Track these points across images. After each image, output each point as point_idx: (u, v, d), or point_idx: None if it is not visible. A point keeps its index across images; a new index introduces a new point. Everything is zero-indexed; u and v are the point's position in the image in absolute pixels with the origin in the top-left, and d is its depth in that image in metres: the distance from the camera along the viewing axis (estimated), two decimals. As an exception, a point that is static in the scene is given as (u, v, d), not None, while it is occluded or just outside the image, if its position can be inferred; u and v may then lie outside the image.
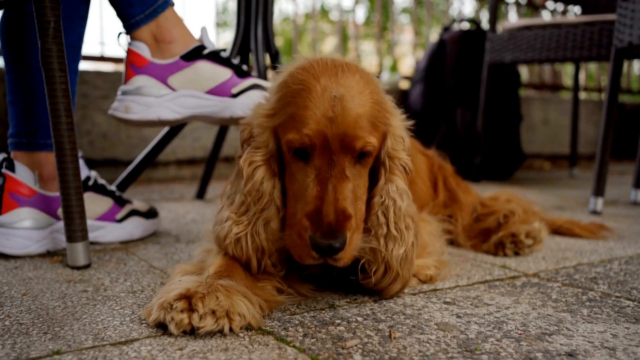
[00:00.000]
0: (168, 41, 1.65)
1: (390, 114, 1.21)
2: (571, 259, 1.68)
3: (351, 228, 1.10)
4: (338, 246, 1.07)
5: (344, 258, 1.11)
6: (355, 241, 1.14)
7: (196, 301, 1.01)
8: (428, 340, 1.03)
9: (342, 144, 1.11)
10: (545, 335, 1.06)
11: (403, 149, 1.23)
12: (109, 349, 0.96)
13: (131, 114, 1.63)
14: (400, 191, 1.22)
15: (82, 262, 1.47)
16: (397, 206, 1.21)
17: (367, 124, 1.13)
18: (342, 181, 1.12)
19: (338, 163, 1.12)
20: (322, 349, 0.98)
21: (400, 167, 1.23)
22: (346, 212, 1.10)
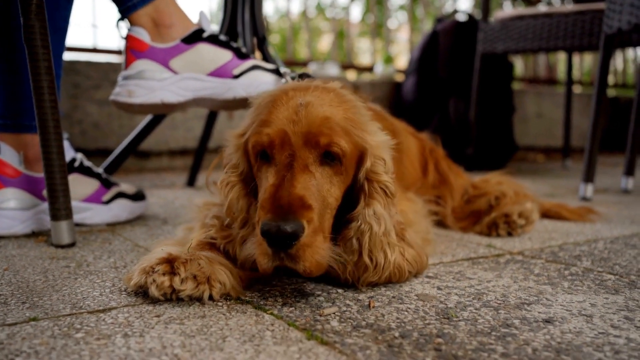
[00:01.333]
0: (167, 25, 1.65)
1: (369, 133, 1.14)
2: (557, 239, 1.68)
3: (311, 221, 1.00)
4: (289, 230, 0.95)
5: (303, 258, 0.98)
6: (320, 244, 1.02)
7: (178, 264, 1.02)
8: (407, 309, 1.03)
9: (305, 140, 1.05)
10: (524, 305, 1.06)
11: (384, 171, 1.14)
12: (85, 316, 0.96)
13: (135, 97, 1.61)
14: (378, 216, 1.11)
15: (66, 240, 1.47)
16: (372, 232, 1.10)
17: (336, 126, 1.07)
18: (303, 173, 1.04)
19: (300, 157, 1.05)
20: (300, 316, 0.99)
21: (380, 190, 1.13)
22: (304, 199, 1.01)
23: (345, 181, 1.12)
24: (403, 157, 1.76)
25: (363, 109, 1.18)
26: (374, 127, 1.18)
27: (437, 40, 4.01)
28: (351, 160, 1.11)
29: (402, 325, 0.95)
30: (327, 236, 1.07)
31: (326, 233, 1.07)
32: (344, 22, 5.87)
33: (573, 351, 0.84)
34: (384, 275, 1.13)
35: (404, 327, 0.94)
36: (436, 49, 4.01)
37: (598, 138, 2.51)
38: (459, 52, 3.93)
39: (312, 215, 1.00)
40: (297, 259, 0.99)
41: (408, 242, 1.20)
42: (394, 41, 6.17)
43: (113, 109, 3.48)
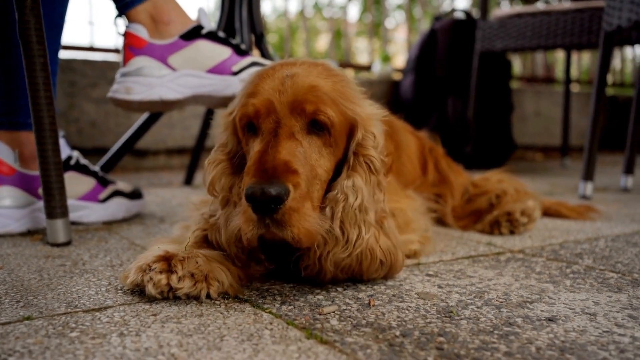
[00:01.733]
0: (166, 22, 1.63)
1: (359, 106, 1.11)
2: (557, 237, 1.67)
3: (297, 185, 0.97)
4: (273, 193, 0.92)
5: (290, 223, 0.95)
6: (308, 211, 0.99)
7: (175, 262, 1.00)
8: (407, 307, 1.02)
9: (291, 108, 1.03)
10: (526, 303, 1.05)
11: (373, 146, 1.10)
12: (81, 315, 0.95)
13: (133, 94, 1.60)
14: (357, 188, 1.07)
15: (62, 239, 1.45)
16: (347, 203, 1.06)
17: (324, 95, 1.05)
18: (289, 140, 1.02)
19: (285, 125, 1.03)
20: (299, 314, 0.97)
21: (364, 163, 1.10)
22: (289, 164, 0.98)
23: (336, 154, 1.09)
24: (402, 155, 1.75)
25: (353, 84, 1.15)
26: (364, 100, 1.15)
27: (435, 39, 4.00)
28: (341, 132, 1.08)
29: (403, 323, 0.93)
30: (316, 206, 1.04)
31: (315, 203, 1.04)
32: (342, 21, 5.86)
33: (577, 350, 0.83)
34: (355, 252, 1.07)
35: (405, 326, 0.92)
36: (434, 48, 3.99)
37: (597, 136, 2.50)
38: (457, 51, 3.92)
39: (297, 179, 0.98)
40: (284, 224, 0.95)
41: (386, 231, 1.14)
42: (391, 41, 6.14)
43: (110, 108, 3.46)
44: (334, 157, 1.09)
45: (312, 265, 1.09)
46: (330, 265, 1.07)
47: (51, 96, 1.42)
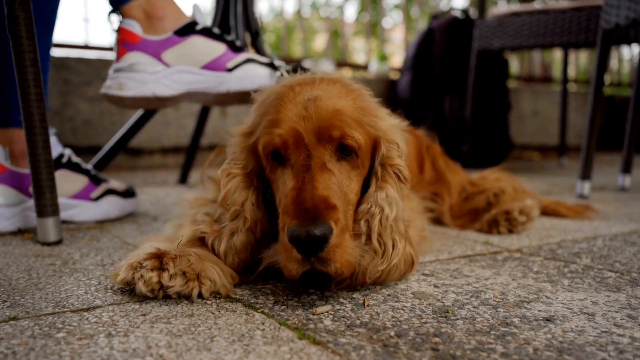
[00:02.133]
0: (160, 17, 1.61)
1: (380, 119, 1.11)
2: (555, 236, 1.65)
3: (338, 221, 0.96)
4: (318, 234, 0.91)
5: (334, 259, 0.94)
6: (348, 243, 0.98)
7: (167, 260, 0.98)
8: (403, 307, 1.00)
9: (318, 136, 1.01)
10: (523, 303, 1.03)
11: (398, 155, 1.10)
12: (68, 315, 0.92)
13: (126, 90, 1.57)
14: (390, 199, 1.07)
15: (52, 237, 1.43)
16: (384, 215, 1.06)
17: (348, 119, 1.03)
18: (322, 172, 1.00)
19: (316, 156, 1.01)
20: (292, 315, 0.95)
21: (392, 174, 1.09)
22: (329, 200, 0.96)
23: (362, 174, 1.09)
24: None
25: (369, 96, 1.14)
26: (383, 112, 1.14)
27: (432, 37, 3.99)
28: (366, 151, 1.08)
29: (398, 324, 0.91)
30: (352, 234, 1.04)
31: (351, 230, 1.03)
32: (339, 21, 5.83)
33: (576, 351, 0.81)
34: (392, 262, 1.06)
35: (400, 326, 0.90)
36: (432, 46, 3.98)
37: (595, 135, 2.48)
38: (454, 49, 3.90)
39: (338, 215, 0.96)
40: (328, 261, 0.94)
41: (409, 239, 1.14)
42: (388, 41, 6.14)
43: (105, 106, 3.44)
44: (361, 178, 1.09)
45: (348, 281, 1.06)
46: (368, 279, 1.06)
47: (41, 92, 1.40)
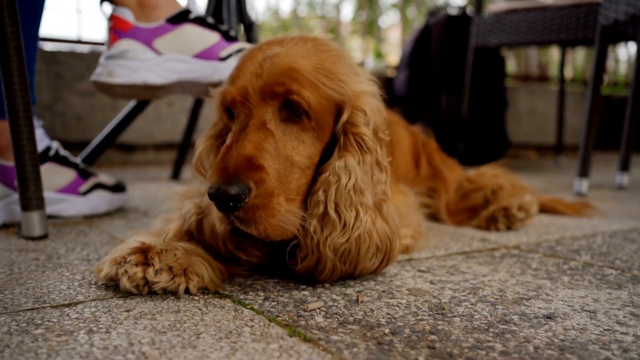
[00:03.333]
0: (152, 6, 1.57)
1: (349, 83, 1.05)
2: (554, 233, 1.62)
3: (261, 181, 0.94)
4: (231, 193, 0.90)
5: (255, 220, 0.93)
6: (278, 207, 0.96)
7: (153, 255, 0.94)
8: (398, 304, 0.96)
9: (263, 94, 0.99)
10: (522, 300, 0.99)
11: (364, 123, 1.04)
12: (48, 311, 0.88)
13: (116, 77, 1.53)
14: (350, 168, 1.02)
15: (37, 232, 1.39)
16: (340, 184, 1.01)
17: (301, 77, 0.99)
18: (257, 131, 0.98)
19: (256, 114, 0.99)
20: (282, 311, 0.91)
21: (354, 142, 1.04)
22: (253, 160, 0.94)
23: (321, 138, 1.04)
24: (395, 149, 1.69)
25: (348, 59, 1.09)
26: (357, 77, 1.08)
27: (429, 35, 3.95)
28: (325, 114, 1.02)
29: (393, 321, 0.88)
30: (293, 198, 1.00)
31: (293, 195, 1.00)
32: (335, 20, 5.79)
33: (578, 349, 0.78)
34: (353, 235, 1.00)
35: (395, 323, 0.86)
36: (428, 43, 3.94)
37: (593, 132, 2.45)
38: (451, 46, 3.87)
39: (261, 175, 0.94)
40: (248, 221, 0.94)
41: (384, 215, 1.07)
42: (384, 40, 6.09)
43: (97, 101, 3.39)
44: (319, 142, 1.04)
45: (310, 254, 1.02)
46: (329, 251, 1.00)
47: (26, 82, 1.35)
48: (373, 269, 1.08)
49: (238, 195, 0.91)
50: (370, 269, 1.07)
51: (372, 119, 1.06)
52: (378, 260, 1.07)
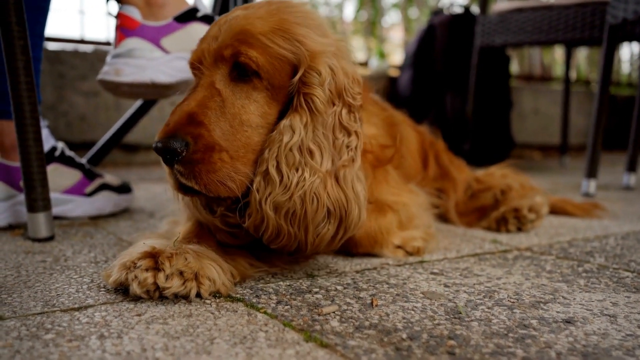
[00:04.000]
0: (160, 4, 1.55)
1: (305, 45, 1.03)
2: (565, 235, 1.60)
3: (200, 137, 0.96)
4: (170, 147, 0.94)
5: (195, 175, 0.96)
6: (220, 163, 0.97)
7: (163, 259, 0.92)
8: (413, 308, 0.94)
9: (215, 56, 1.02)
10: (540, 304, 0.98)
11: (318, 84, 1.03)
12: (58, 315, 0.86)
13: (123, 76, 1.51)
14: (294, 127, 1.01)
15: (43, 233, 1.37)
16: (282, 143, 1.01)
17: (251, 39, 1.00)
18: (204, 90, 1.01)
19: (206, 75, 1.03)
20: (296, 315, 0.89)
21: (304, 102, 1.03)
22: (194, 116, 0.97)
23: (277, 98, 1.05)
24: (403, 148, 1.67)
25: (315, 20, 1.09)
26: (321, 37, 1.07)
27: (433, 34, 3.93)
28: (278, 74, 1.03)
29: (410, 325, 0.86)
30: (242, 156, 1.01)
31: (242, 152, 1.01)
32: (337, 19, 5.77)
33: (601, 355, 0.76)
34: (296, 195, 1.00)
35: (412, 328, 0.85)
36: (432, 43, 3.92)
37: (601, 132, 2.43)
38: (455, 46, 3.85)
39: (200, 131, 0.97)
40: (189, 176, 0.97)
41: (341, 181, 1.04)
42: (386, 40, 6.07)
43: (100, 101, 3.37)
44: (274, 102, 1.05)
45: (255, 212, 1.02)
46: (269, 209, 1.01)
47: (32, 82, 1.34)
48: (329, 237, 1.05)
49: (174, 149, 0.95)
50: (326, 237, 1.05)
51: (328, 79, 1.04)
52: (333, 227, 1.05)
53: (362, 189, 1.08)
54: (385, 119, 1.51)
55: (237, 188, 1.00)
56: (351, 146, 1.07)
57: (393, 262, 1.25)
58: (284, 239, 1.04)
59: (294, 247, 1.06)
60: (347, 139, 1.06)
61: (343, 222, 1.05)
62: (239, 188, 1.01)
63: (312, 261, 1.24)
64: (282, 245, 1.05)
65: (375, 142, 1.31)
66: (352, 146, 1.07)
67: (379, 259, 1.27)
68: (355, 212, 1.06)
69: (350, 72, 1.08)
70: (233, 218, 1.09)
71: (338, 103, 1.05)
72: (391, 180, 1.41)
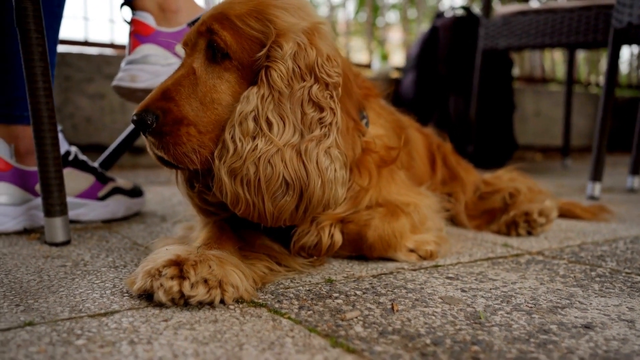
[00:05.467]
0: (174, 10, 1.57)
1: (275, 23, 1.08)
2: (575, 239, 1.62)
3: (168, 111, 1.04)
4: (141, 118, 1.04)
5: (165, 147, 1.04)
6: (187, 136, 1.05)
7: (188, 268, 0.93)
8: (433, 313, 0.96)
9: (195, 38, 1.11)
10: (557, 309, 0.99)
11: (279, 57, 1.05)
12: (86, 321, 0.88)
13: (138, 82, 1.54)
14: (249, 97, 1.05)
15: (60, 238, 1.38)
16: (236, 111, 1.05)
17: (225, 21, 1.08)
18: (182, 70, 1.10)
19: (189, 56, 1.12)
20: (320, 320, 0.91)
21: (264, 75, 1.06)
22: (166, 92, 1.06)
23: (247, 77, 1.10)
24: (411, 151, 1.69)
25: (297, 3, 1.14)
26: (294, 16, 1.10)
27: (436, 36, 3.95)
28: (248, 54, 1.09)
29: (432, 330, 0.87)
30: (211, 131, 1.08)
31: (210, 128, 1.08)
32: (336, 20, 5.78)
33: (623, 360, 0.77)
34: (248, 161, 1.03)
35: (435, 333, 0.86)
36: (436, 45, 3.94)
37: (606, 135, 2.45)
38: (459, 48, 3.87)
39: (170, 105, 1.05)
40: (159, 147, 1.06)
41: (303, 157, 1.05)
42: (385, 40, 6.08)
43: (106, 103, 3.38)
44: (244, 80, 1.10)
45: (217, 181, 1.07)
46: (225, 175, 1.05)
47: (50, 87, 1.35)
48: (290, 209, 1.06)
49: (144, 121, 1.04)
50: (285, 208, 1.06)
51: (291, 52, 1.06)
52: (292, 200, 1.06)
53: (329, 165, 1.07)
54: (392, 122, 1.53)
55: (201, 160, 1.08)
56: (325, 122, 1.08)
57: (408, 266, 1.27)
58: (243, 205, 1.06)
59: (255, 215, 1.07)
60: (319, 114, 1.08)
61: (304, 195, 1.06)
62: (203, 161, 1.08)
63: (328, 265, 1.26)
64: (244, 212, 1.08)
65: (381, 142, 1.32)
66: (326, 122, 1.08)
67: (394, 263, 1.29)
68: (316, 187, 1.06)
69: (326, 51, 1.10)
70: (209, 195, 1.16)
71: (309, 79, 1.08)
72: (398, 179, 1.42)
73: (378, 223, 1.27)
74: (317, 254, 1.23)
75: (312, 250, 1.23)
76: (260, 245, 1.20)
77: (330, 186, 1.08)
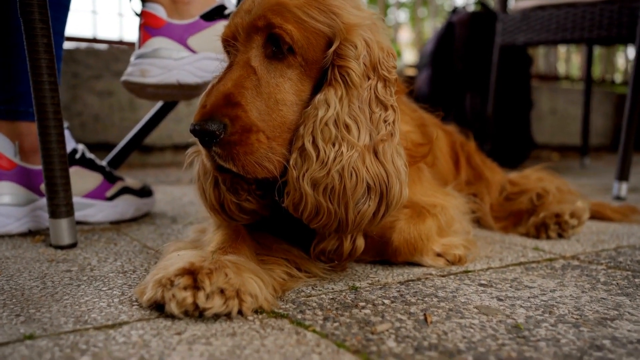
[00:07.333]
0: (185, 1, 1.49)
1: (342, 16, 1.00)
2: (609, 242, 1.52)
3: (237, 118, 0.94)
4: (208, 129, 0.92)
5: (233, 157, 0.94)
6: (257, 144, 0.95)
7: (202, 277, 0.85)
8: (471, 325, 0.87)
9: (249, 30, 0.99)
10: (606, 321, 0.90)
11: (353, 57, 0.99)
12: (92, 334, 0.80)
13: (149, 77, 1.45)
14: (328, 101, 0.98)
15: (66, 240, 1.31)
16: (318, 118, 0.97)
17: (286, 12, 0.97)
18: (240, 69, 0.98)
19: (242, 52, 1.00)
20: (348, 334, 0.82)
21: (338, 76, 0.99)
22: (230, 97, 0.95)
23: (310, 74, 1.01)
24: (435, 149, 1.60)
25: None
26: (356, 10, 1.03)
27: (452, 32, 3.84)
28: (313, 49, 0.99)
29: (472, 346, 0.79)
30: (278, 135, 0.99)
31: (278, 132, 0.99)
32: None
33: (694, 383, 0.69)
34: (334, 169, 0.96)
35: (476, 349, 0.78)
36: (452, 41, 3.84)
37: (633, 134, 2.35)
38: (475, 44, 3.76)
39: (237, 112, 0.95)
40: (226, 157, 0.95)
41: (380, 156, 1.00)
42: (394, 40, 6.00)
43: (114, 101, 3.32)
44: (308, 78, 1.01)
45: (293, 190, 0.99)
46: (307, 185, 0.97)
47: (55, 82, 1.28)
48: (370, 214, 1.00)
49: (212, 131, 0.93)
50: (367, 213, 1.00)
51: (364, 52, 1.00)
52: (374, 203, 1.00)
53: (402, 164, 1.04)
54: (415, 119, 1.46)
55: (274, 168, 0.98)
56: (389, 120, 1.03)
57: (436, 272, 1.19)
58: (324, 216, 0.99)
59: (334, 225, 1.01)
60: (384, 113, 1.03)
61: (384, 197, 1.01)
62: (276, 168, 0.98)
63: (350, 270, 1.18)
64: (323, 223, 1.00)
65: (409, 138, 1.25)
66: (390, 120, 1.03)
67: (421, 269, 1.21)
68: (396, 187, 1.02)
69: (385, 46, 1.05)
70: (250, 203, 1.08)
71: (373, 77, 1.02)
72: (425, 180, 1.35)
73: (403, 225, 1.19)
74: (337, 258, 1.15)
75: (333, 255, 1.15)
76: (278, 249, 1.13)
77: (405, 186, 1.04)
